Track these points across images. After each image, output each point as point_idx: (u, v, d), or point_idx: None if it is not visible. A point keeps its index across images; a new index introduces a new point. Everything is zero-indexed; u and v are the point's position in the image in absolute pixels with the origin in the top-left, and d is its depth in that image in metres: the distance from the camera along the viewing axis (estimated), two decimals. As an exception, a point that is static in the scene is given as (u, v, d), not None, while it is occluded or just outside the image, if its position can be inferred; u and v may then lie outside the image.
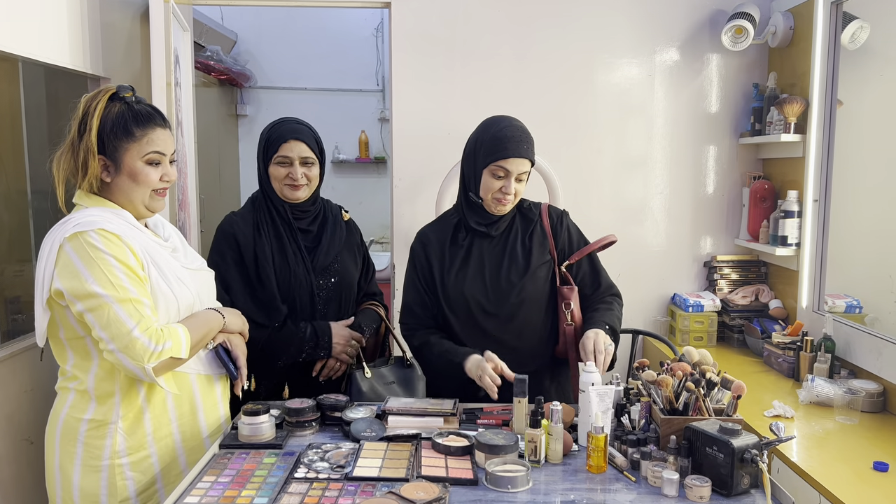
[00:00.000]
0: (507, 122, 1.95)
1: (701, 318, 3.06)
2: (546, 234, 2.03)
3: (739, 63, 3.13)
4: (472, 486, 1.47)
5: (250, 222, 2.10)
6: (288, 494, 1.41)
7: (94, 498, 1.58)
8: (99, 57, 2.39)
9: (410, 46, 3.08)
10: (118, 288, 1.48)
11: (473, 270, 1.99)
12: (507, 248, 2.00)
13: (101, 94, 1.58)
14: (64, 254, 1.50)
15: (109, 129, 1.56)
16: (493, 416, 1.82)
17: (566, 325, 1.97)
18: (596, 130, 3.15)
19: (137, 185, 1.59)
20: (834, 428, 2.13)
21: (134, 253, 1.54)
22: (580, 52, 3.10)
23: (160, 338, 1.50)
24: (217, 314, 1.72)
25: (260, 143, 2.10)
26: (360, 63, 4.92)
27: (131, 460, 1.59)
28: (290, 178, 2.05)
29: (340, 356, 2.09)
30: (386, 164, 4.87)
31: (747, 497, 1.43)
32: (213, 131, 4.35)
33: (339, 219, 2.23)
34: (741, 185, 3.19)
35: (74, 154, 1.56)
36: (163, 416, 1.63)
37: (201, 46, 4.15)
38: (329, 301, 2.13)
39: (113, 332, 1.47)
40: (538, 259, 2.00)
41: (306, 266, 2.09)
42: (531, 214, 2.06)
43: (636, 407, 1.69)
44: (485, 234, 2.01)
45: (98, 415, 1.57)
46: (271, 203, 2.10)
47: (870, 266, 2.64)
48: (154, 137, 1.59)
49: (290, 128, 2.07)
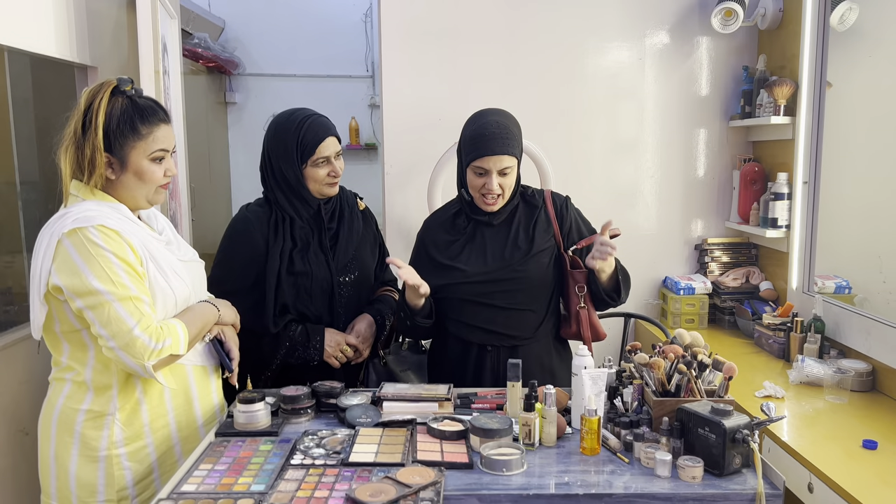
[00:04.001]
0: (487, 118, 1.94)
1: (692, 301, 3.08)
2: (550, 220, 2.05)
3: (729, 46, 3.13)
4: (467, 470, 1.48)
5: (266, 223, 2.03)
6: (285, 481, 1.42)
7: (91, 488, 1.59)
8: (86, 45, 2.36)
9: (400, 31, 3.06)
10: (118, 285, 1.48)
11: (476, 253, 2.01)
12: (510, 234, 2.02)
13: (104, 89, 1.55)
14: (63, 249, 1.49)
15: (115, 128, 1.54)
16: (488, 401, 1.83)
17: (579, 307, 2.00)
18: (587, 115, 3.15)
19: (143, 183, 1.59)
20: (824, 407, 2.15)
21: (133, 249, 1.53)
22: (571, 36, 3.09)
23: (160, 336, 1.51)
24: (212, 307, 1.72)
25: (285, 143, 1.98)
26: (349, 49, 4.89)
27: (128, 451, 1.60)
28: (331, 177, 2.00)
29: (330, 360, 2.05)
30: (377, 151, 4.86)
31: (739, 476, 1.45)
32: (201, 120, 4.32)
33: (356, 209, 2.18)
34: (731, 168, 3.20)
35: (79, 150, 1.54)
36: (160, 408, 1.64)
37: (189, 34, 4.11)
38: (351, 298, 2.11)
39: (113, 331, 1.48)
40: (541, 243, 2.01)
41: (329, 266, 2.06)
42: (535, 201, 2.07)
43: (629, 389, 1.70)
44: (487, 223, 2.02)
45: (95, 406, 1.58)
46: (304, 203, 2.02)
47: (859, 247, 2.66)
48: (159, 135, 1.59)
49: (321, 123, 2.00)
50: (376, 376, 2.15)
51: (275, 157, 2.01)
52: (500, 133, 1.90)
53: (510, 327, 2.00)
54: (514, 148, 1.93)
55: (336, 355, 2.05)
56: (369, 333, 2.11)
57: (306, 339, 2.02)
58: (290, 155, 1.98)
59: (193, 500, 1.34)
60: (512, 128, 1.94)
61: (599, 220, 2.31)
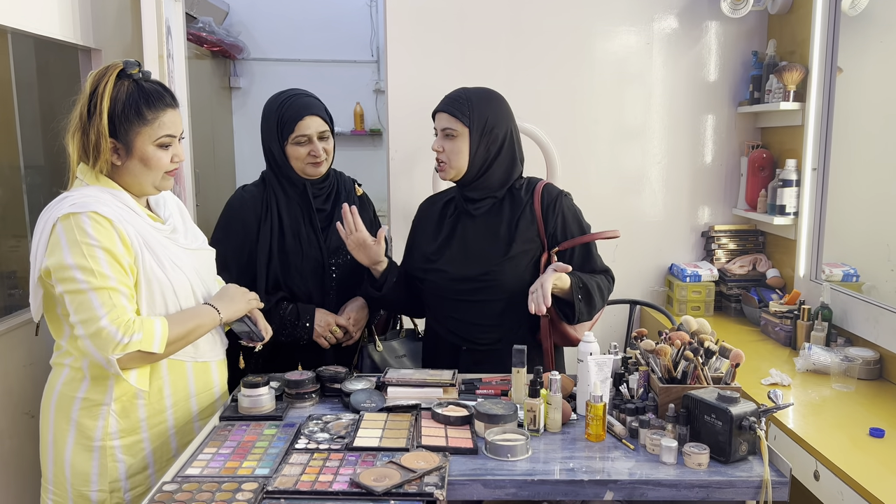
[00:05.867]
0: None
1: (698, 288, 3.06)
2: (535, 218, 1.96)
3: (738, 30, 3.09)
4: (471, 455, 1.48)
5: (260, 202, 2.05)
6: (289, 465, 1.42)
7: (84, 476, 1.58)
8: (89, 28, 2.35)
9: (405, 16, 3.03)
10: (97, 275, 1.46)
11: (456, 249, 1.98)
12: (490, 230, 1.96)
13: (110, 73, 1.53)
14: (55, 233, 1.48)
15: (121, 112, 1.52)
16: (492, 387, 1.83)
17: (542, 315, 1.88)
18: (593, 100, 3.12)
19: (149, 169, 1.57)
20: (830, 395, 2.14)
21: (124, 239, 1.51)
22: (577, 20, 3.06)
23: (129, 329, 1.46)
24: (211, 310, 1.66)
25: (269, 121, 2.02)
26: (354, 33, 4.86)
27: (123, 443, 1.58)
28: (311, 157, 2.00)
29: (319, 340, 2.06)
30: (381, 137, 4.84)
31: (745, 464, 1.44)
32: (206, 104, 4.30)
33: (353, 194, 2.19)
34: (739, 155, 3.17)
35: (84, 135, 1.52)
36: (159, 404, 1.62)
37: (193, 17, 4.09)
38: (344, 280, 2.11)
39: (83, 318, 1.46)
40: (522, 242, 1.94)
41: (320, 247, 2.07)
42: (521, 195, 1.99)
43: (634, 376, 1.69)
44: (469, 214, 1.98)
45: (91, 394, 1.56)
46: (290, 183, 2.05)
47: (867, 235, 2.64)
48: (165, 120, 1.56)
49: (303, 103, 2.01)
50: (371, 362, 2.15)
51: (264, 134, 2.06)
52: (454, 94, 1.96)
53: (484, 328, 1.96)
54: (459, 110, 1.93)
55: (326, 336, 2.06)
56: (361, 316, 2.12)
57: (296, 318, 2.02)
58: (273, 132, 2.02)
59: (198, 484, 1.34)
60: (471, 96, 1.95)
61: (606, 206, 2.32)
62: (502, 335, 1.96)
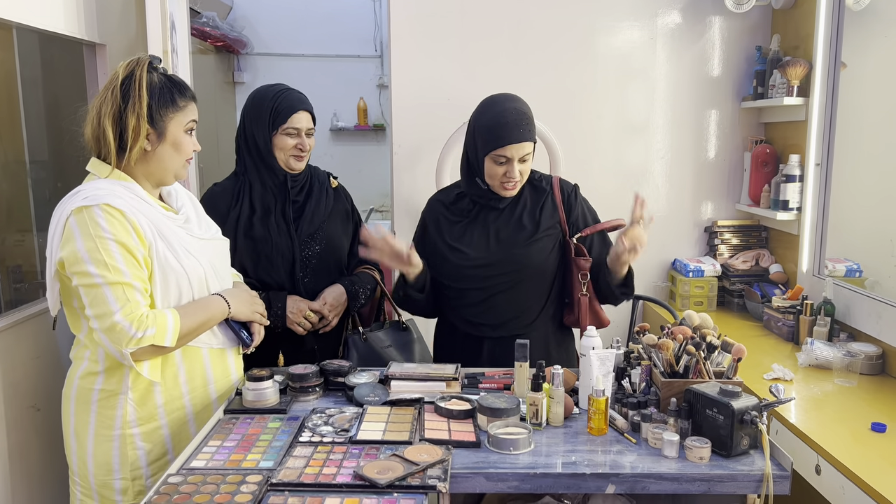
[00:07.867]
0: (503, 105, 1.92)
1: (701, 283, 3.06)
2: (557, 207, 2.04)
3: (742, 25, 3.09)
4: (474, 449, 1.49)
5: (231, 193, 2.09)
6: (293, 458, 1.43)
7: (107, 466, 1.61)
8: (94, 23, 2.35)
9: (409, 11, 3.03)
10: (111, 269, 1.48)
11: (479, 236, 2.00)
12: (514, 218, 2.01)
13: (142, 63, 1.59)
14: (69, 227, 1.50)
15: (158, 98, 1.58)
16: (495, 381, 1.83)
17: (581, 294, 2.00)
18: (597, 95, 3.12)
19: (179, 153, 1.63)
20: (833, 390, 2.14)
21: (137, 230, 1.53)
22: (581, 15, 3.06)
23: (142, 324, 1.49)
24: (222, 302, 1.69)
25: (259, 108, 2.06)
26: (357, 28, 4.86)
27: (142, 431, 1.61)
28: (297, 149, 2.06)
29: (294, 326, 2.07)
30: (385, 132, 4.83)
31: (746, 458, 1.45)
32: (210, 99, 4.31)
33: (327, 185, 2.22)
34: (743, 150, 3.17)
35: (120, 120, 1.55)
36: (174, 390, 1.65)
37: (197, 13, 4.09)
38: (317, 270, 2.13)
39: (97, 312, 1.49)
40: (546, 228, 2.00)
41: (290, 235, 2.09)
42: (542, 186, 2.06)
43: (637, 370, 1.70)
44: (492, 207, 2.01)
45: (108, 385, 1.59)
46: (270, 172, 2.09)
47: (870, 230, 2.64)
48: (191, 108, 1.65)
49: (298, 98, 2.08)
50: (357, 352, 2.16)
51: (248, 121, 2.09)
52: (519, 120, 1.89)
53: (510, 313, 2.00)
54: (532, 134, 1.93)
55: (299, 322, 2.07)
56: (338, 302, 2.13)
57: (268, 305, 2.01)
58: (262, 120, 2.05)
59: (203, 476, 1.35)
60: (528, 112, 1.93)
61: (609, 202, 2.31)
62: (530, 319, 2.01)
